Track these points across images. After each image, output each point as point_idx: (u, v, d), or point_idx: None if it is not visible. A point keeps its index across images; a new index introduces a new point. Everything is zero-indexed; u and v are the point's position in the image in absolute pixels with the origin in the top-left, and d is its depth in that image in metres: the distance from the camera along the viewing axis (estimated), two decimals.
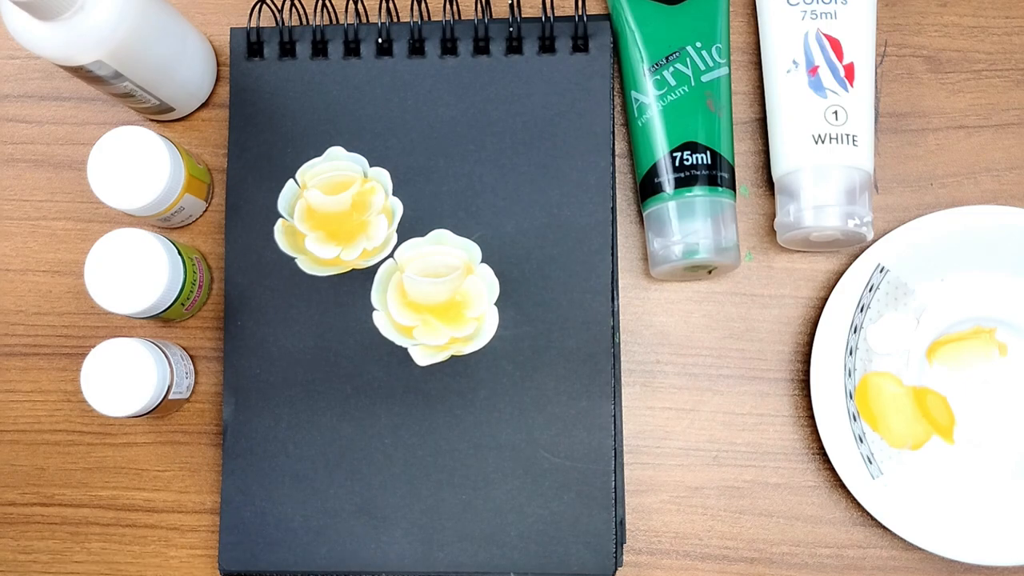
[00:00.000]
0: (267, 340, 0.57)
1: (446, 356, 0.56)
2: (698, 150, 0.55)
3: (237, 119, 0.58)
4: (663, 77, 0.56)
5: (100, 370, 0.53)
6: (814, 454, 0.58)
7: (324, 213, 0.57)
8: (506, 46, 0.58)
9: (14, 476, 0.59)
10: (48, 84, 0.61)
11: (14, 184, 0.61)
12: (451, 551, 0.55)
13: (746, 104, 0.59)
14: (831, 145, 0.54)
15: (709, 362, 0.58)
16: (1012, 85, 0.59)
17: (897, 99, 0.59)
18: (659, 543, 0.57)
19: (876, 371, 0.57)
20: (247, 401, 0.56)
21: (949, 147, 0.59)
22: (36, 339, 0.60)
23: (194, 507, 0.58)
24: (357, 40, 0.58)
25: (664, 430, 0.58)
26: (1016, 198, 0.58)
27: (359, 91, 0.58)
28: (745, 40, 0.60)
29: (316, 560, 0.55)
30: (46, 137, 0.61)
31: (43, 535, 0.59)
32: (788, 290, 0.58)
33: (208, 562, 0.58)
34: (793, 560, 0.57)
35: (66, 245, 0.60)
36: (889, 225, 0.57)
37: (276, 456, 0.56)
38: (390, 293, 0.57)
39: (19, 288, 0.60)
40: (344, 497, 0.56)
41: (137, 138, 0.53)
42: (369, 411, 0.56)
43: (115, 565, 0.58)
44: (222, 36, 0.60)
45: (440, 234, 0.57)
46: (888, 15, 0.59)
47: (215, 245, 0.59)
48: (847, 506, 0.57)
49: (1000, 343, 0.57)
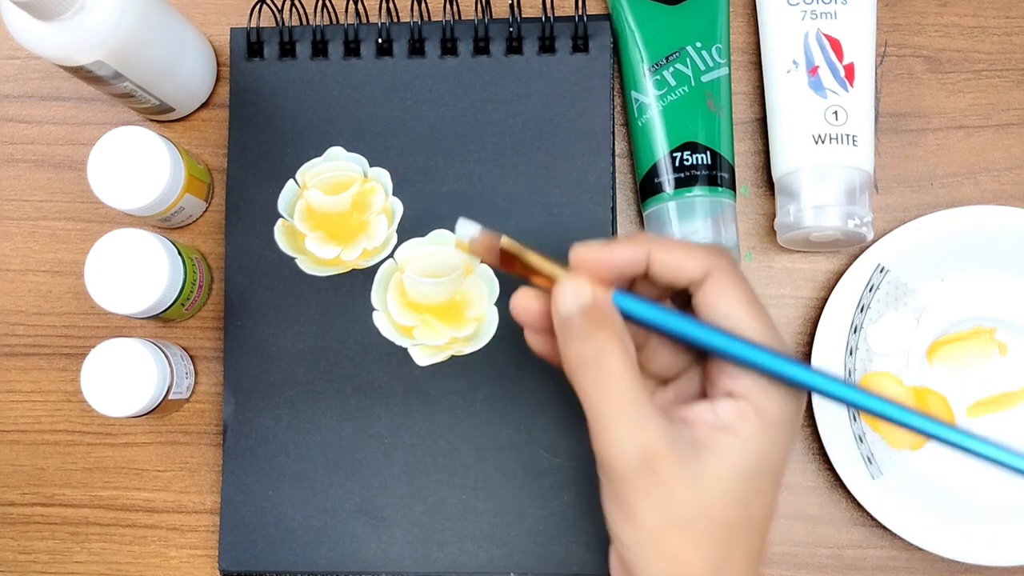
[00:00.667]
0: (267, 340, 0.57)
1: (446, 356, 0.56)
2: (698, 150, 0.55)
3: (237, 119, 0.58)
4: (663, 77, 0.56)
5: (100, 370, 0.53)
6: (814, 454, 0.58)
7: (324, 213, 0.57)
8: (506, 46, 0.58)
9: (14, 476, 0.59)
10: (48, 84, 0.61)
11: (14, 184, 0.61)
12: (451, 551, 0.55)
13: (746, 104, 0.59)
14: (831, 145, 0.54)
15: None
16: (1012, 85, 0.59)
17: (897, 99, 0.59)
18: None
19: (876, 371, 0.57)
20: (247, 401, 0.56)
21: (949, 147, 0.59)
22: (36, 339, 0.60)
23: (194, 507, 0.58)
24: (357, 40, 0.58)
25: None
26: (1016, 198, 0.58)
27: (359, 91, 0.58)
28: (745, 40, 0.60)
29: (316, 560, 0.55)
30: (46, 137, 0.61)
31: (43, 535, 0.59)
32: (788, 290, 0.58)
33: (208, 562, 0.58)
34: (793, 560, 0.57)
35: (66, 245, 0.60)
36: (889, 225, 0.57)
37: (276, 456, 0.56)
38: (390, 293, 0.57)
39: (19, 288, 0.60)
40: (344, 497, 0.56)
41: (137, 138, 0.53)
42: (369, 411, 0.56)
43: (115, 565, 0.58)
44: (222, 36, 0.60)
45: (440, 234, 0.57)
46: (888, 15, 0.59)
47: (215, 245, 0.59)
48: (847, 506, 0.57)
49: (1000, 343, 0.57)
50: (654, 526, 0.39)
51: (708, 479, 0.38)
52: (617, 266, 0.40)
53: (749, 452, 0.39)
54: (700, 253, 0.40)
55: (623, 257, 0.40)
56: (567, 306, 0.40)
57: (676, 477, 0.38)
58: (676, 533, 0.39)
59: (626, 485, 0.39)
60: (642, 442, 0.38)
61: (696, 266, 0.40)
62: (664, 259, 0.40)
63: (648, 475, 0.38)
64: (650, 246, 0.40)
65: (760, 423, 0.39)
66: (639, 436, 0.38)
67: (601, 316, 0.39)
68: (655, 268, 0.40)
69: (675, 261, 0.40)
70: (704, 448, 0.39)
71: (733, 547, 0.39)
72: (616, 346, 0.39)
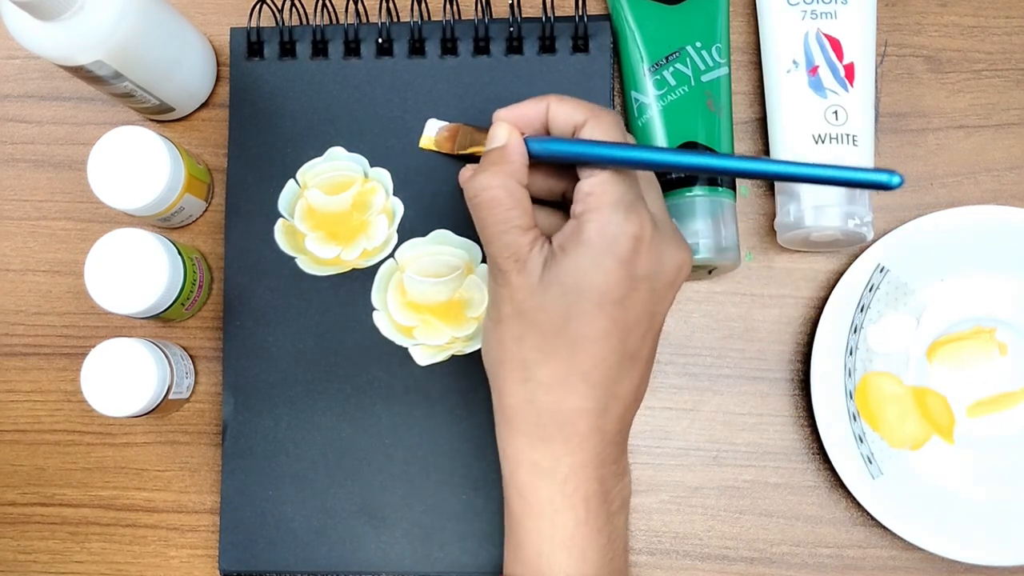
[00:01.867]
0: (267, 340, 0.57)
1: (446, 356, 0.56)
2: (698, 150, 0.55)
3: (237, 119, 0.58)
4: (663, 77, 0.56)
5: (100, 370, 0.53)
6: (814, 454, 0.58)
7: (324, 213, 0.57)
8: (506, 46, 0.58)
9: (14, 476, 0.59)
10: (48, 84, 0.61)
11: (14, 184, 0.61)
12: (451, 551, 0.55)
13: (746, 104, 0.59)
14: (831, 145, 0.54)
15: (709, 362, 0.58)
16: (1012, 85, 0.59)
17: (897, 99, 0.59)
18: (659, 543, 0.57)
19: (876, 371, 0.57)
20: (247, 401, 0.56)
21: (949, 147, 0.59)
22: (36, 339, 0.60)
23: (194, 507, 0.58)
24: (357, 40, 0.58)
25: (664, 430, 0.58)
26: (1016, 198, 0.58)
27: (359, 91, 0.58)
28: (745, 40, 0.60)
29: (316, 560, 0.55)
30: (46, 137, 0.61)
31: (43, 535, 0.59)
32: (788, 290, 0.58)
33: (208, 562, 0.58)
34: (793, 560, 0.57)
35: (66, 245, 0.60)
36: (889, 225, 0.57)
37: (276, 456, 0.56)
38: (390, 293, 0.57)
39: (19, 288, 0.60)
40: (344, 497, 0.56)
41: (137, 138, 0.53)
42: (369, 411, 0.56)
43: (115, 565, 0.58)
44: (222, 36, 0.60)
45: (440, 234, 0.57)
46: (888, 15, 0.59)
47: (215, 245, 0.59)
48: (847, 506, 0.57)
49: (1000, 343, 0.57)
50: (497, 317, 0.46)
51: (537, 286, 0.45)
52: (527, 117, 0.48)
53: (565, 269, 0.44)
54: (584, 107, 0.47)
55: (529, 110, 0.48)
56: (489, 143, 0.48)
57: (521, 280, 0.45)
58: (508, 324, 0.46)
59: (497, 283, 0.46)
60: (514, 247, 0.45)
61: (577, 115, 0.47)
62: (556, 110, 0.47)
63: (512, 275, 0.45)
64: (549, 101, 0.48)
65: (578, 242, 0.44)
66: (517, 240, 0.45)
67: (497, 157, 0.47)
68: (550, 118, 0.48)
69: (564, 111, 0.47)
70: (548, 261, 0.45)
71: (549, 354, 0.45)
72: (499, 179, 0.46)
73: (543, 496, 0.46)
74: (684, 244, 0.47)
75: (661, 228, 0.46)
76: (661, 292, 0.46)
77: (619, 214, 0.44)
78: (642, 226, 0.44)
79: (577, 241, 0.44)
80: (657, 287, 0.45)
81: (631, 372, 0.46)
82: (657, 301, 0.46)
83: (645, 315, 0.46)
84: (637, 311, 0.45)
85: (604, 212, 0.44)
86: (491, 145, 0.48)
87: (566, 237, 0.45)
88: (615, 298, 0.44)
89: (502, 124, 0.48)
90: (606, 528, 0.46)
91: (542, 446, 0.46)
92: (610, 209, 0.44)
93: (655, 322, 0.47)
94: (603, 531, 0.46)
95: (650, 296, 0.45)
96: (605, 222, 0.44)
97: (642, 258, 0.44)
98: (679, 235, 0.47)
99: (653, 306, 0.46)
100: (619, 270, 0.44)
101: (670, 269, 0.46)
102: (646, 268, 0.45)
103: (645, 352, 0.47)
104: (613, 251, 0.44)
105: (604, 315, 0.44)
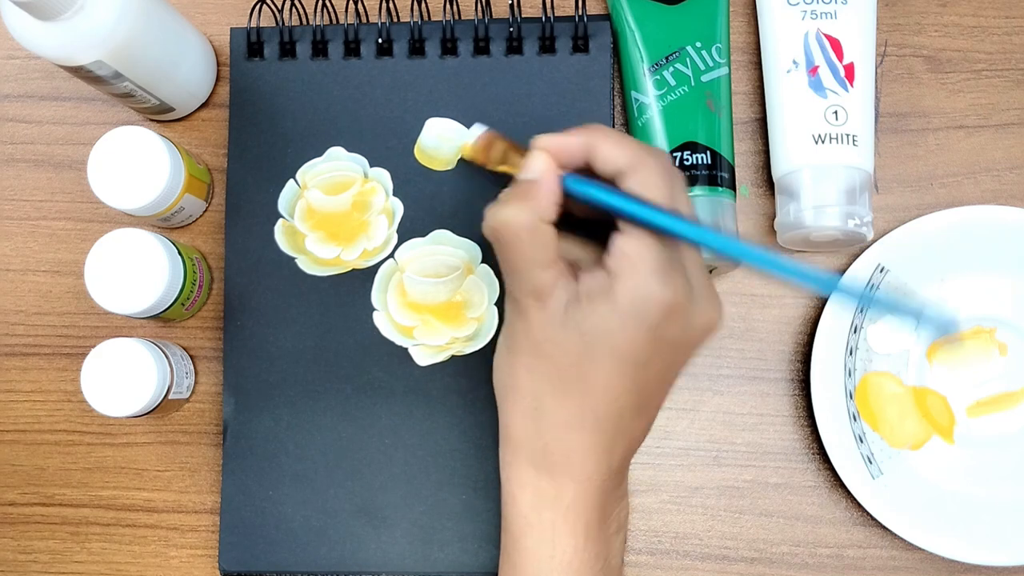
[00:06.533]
0: (267, 340, 0.57)
1: (446, 356, 0.56)
2: (698, 150, 0.55)
3: (237, 119, 0.58)
4: (663, 77, 0.56)
5: (100, 370, 0.53)
6: (814, 454, 0.58)
7: (324, 213, 0.57)
8: (506, 46, 0.58)
9: (14, 476, 0.59)
10: (48, 84, 0.61)
11: (14, 184, 0.61)
12: (451, 551, 0.55)
13: (746, 104, 0.59)
14: (831, 145, 0.54)
15: (709, 362, 0.58)
16: (1012, 85, 0.59)
17: (897, 99, 0.59)
18: (659, 543, 0.57)
19: (876, 371, 0.57)
20: (247, 401, 0.56)
21: (949, 147, 0.59)
22: (36, 339, 0.60)
23: (194, 507, 0.58)
24: (357, 40, 0.58)
25: (664, 430, 0.58)
26: (1016, 198, 0.58)
27: (359, 91, 0.58)
28: (745, 40, 0.60)
29: (316, 560, 0.55)
30: (46, 137, 0.61)
31: (43, 535, 0.59)
32: (788, 290, 0.58)
33: (208, 562, 0.58)
34: (793, 560, 0.57)
35: (66, 245, 0.60)
36: (889, 225, 0.57)
37: (276, 456, 0.56)
38: (390, 293, 0.57)
39: (19, 288, 0.60)
40: (344, 497, 0.56)
41: (137, 138, 0.53)
42: (369, 411, 0.56)
43: (115, 565, 0.58)
44: (222, 36, 0.60)
45: (440, 234, 0.57)
46: (888, 15, 0.59)
47: (215, 245, 0.59)
48: (847, 506, 0.57)
49: (1000, 343, 0.57)
50: (511, 346, 0.45)
51: (557, 325, 0.43)
52: (569, 150, 0.45)
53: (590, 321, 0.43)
54: (631, 150, 0.44)
55: (572, 143, 0.45)
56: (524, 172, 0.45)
57: (540, 317, 0.43)
58: (522, 356, 0.45)
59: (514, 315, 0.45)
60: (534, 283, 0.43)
61: (623, 159, 0.44)
62: (602, 148, 0.44)
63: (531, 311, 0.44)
64: (596, 137, 0.44)
65: (607, 299, 0.42)
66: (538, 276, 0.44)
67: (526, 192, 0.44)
68: (595, 155, 0.44)
69: (610, 152, 0.44)
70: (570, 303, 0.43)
71: (560, 391, 0.44)
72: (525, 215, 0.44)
73: (545, 519, 0.45)
74: (716, 302, 0.45)
75: (695, 290, 0.44)
76: (685, 351, 0.45)
77: (654, 282, 0.42)
78: (676, 293, 0.42)
79: (606, 298, 0.42)
80: (681, 347, 0.45)
81: (643, 416, 0.46)
82: (680, 360, 0.45)
83: (665, 371, 0.45)
84: (657, 369, 0.44)
85: (639, 277, 0.42)
86: (524, 175, 0.45)
87: (594, 289, 0.43)
88: (636, 360, 0.43)
89: (540, 155, 0.45)
90: (603, 552, 0.46)
91: (547, 476, 0.45)
92: (645, 275, 0.42)
93: (674, 374, 0.46)
94: (600, 555, 0.46)
95: (673, 356, 0.45)
96: (637, 286, 0.42)
97: (671, 325, 0.43)
98: (712, 292, 0.45)
99: (675, 364, 0.45)
100: (645, 335, 0.43)
101: (699, 331, 0.44)
102: (673, 334, 0.43)
103: (659, 400, 0.46)
104: (642, 317, 0.42)
105: (622, 373, 0.43)
